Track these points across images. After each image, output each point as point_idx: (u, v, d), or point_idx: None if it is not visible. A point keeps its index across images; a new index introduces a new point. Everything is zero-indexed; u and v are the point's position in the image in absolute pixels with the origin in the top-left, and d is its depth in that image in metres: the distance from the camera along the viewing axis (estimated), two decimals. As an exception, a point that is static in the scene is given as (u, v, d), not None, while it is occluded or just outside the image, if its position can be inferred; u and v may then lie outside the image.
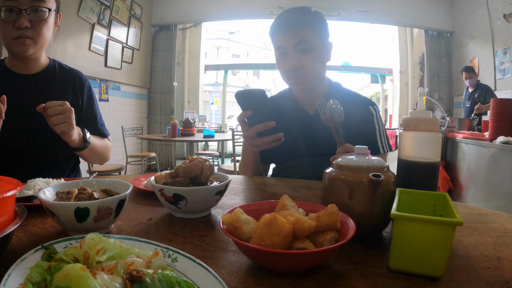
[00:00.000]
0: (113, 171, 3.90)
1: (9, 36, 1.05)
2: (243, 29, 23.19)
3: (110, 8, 4.83)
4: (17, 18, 1.02)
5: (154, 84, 6.36)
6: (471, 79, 4.55)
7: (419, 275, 0.46)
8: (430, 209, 0.55)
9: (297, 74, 1.18)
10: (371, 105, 1.28)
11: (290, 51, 1.16)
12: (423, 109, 0.65)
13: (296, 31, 1.15)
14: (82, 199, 0.59)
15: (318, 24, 1.19)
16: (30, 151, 1.14)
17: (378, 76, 8.42)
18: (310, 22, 1.17)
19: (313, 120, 1.24)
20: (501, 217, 0.72)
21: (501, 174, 2.86)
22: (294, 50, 1.15)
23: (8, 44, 1.07)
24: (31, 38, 1.06)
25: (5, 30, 1.04)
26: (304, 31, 1.15)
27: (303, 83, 1.20)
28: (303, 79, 1.19)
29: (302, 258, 0.44)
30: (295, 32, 1.15)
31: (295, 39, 1.14)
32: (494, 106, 3.07)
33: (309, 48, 1.15)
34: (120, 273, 0.34)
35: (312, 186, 0.99)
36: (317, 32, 1.17)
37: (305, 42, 1.15)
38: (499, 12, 4.72)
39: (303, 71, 1.17)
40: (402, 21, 6.02)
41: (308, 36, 1.15)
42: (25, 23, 1.02)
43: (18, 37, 1.04)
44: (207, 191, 0.67)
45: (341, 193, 0.58)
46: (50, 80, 1.19)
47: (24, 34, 1.04)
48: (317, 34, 1.17)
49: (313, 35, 1.16)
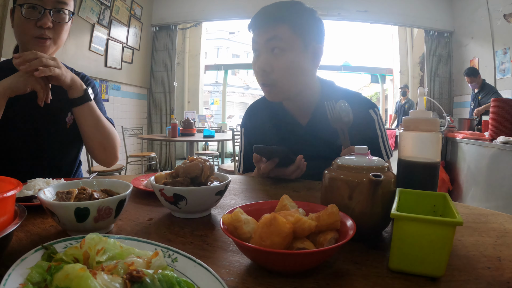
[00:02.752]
0: (113, 171, 3.90)
1: (29, 34, 1.00)
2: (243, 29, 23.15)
3: (110, 8, 4.83)
4: (40, 16, 0.99)
5: (154, 84, 6.36)
6: (473, 83, 4.55)
7: (419, 275, 0.46)
8: (430, 209, 0.55)
9: (266, 80, 1.01)
10: (371, 108, 1.13)
11: (262, 48, 1.00)
12: (423, 109, 0.65)
13: (272, 26, 0.98)
14: (82, 199, 0.59)
15: (303, 22, 1.00)
16: (35, 152, 1.12)
17: (378, 76, 8.43)
18: (292, 18, 0.98)
19: (306, 132, 1.11)
20: (501, 217, 0.72)
21: (501, 174, 2.86)
22: (265, 47, 0.99)
23: (26, 42, 1.03)
24: (51, 39, 1.03)
25: (25, 27, 1.00)
26: (281, 28, 0.97)
27: (273, 92, 1.03)
28: (272, 88, 1.02)
29: (302, 258, 0.44)
30: (269, 28, 0.98)
31: (267, 34, 0.98)
32: (494, 106, 3.07)
33: (284, 48, 0.98)
34: (120, 273, 0.34)
35: (312, 186, 0.99)
36: (298, 31, 0.99)
37: (280, 40, 0.97)
38: (499, 12, 4.73)
39: (272, 77, 1.00)
40: (402, 21, 6.02)
41: (285, 33, 0.97)
42: (48, 23, 0.99)
43: (39, 37, 1.01)
44: (207, 191, 0.67)
45: (341, 193, 0.58)
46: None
47: (45, 34, 1.01)
48: (298, 33, 0.99)
49: (292, 34, 0.98)
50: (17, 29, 1.04)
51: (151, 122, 6.44)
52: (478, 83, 4.53)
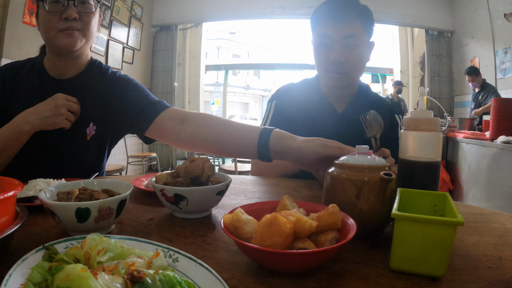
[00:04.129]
0: (114, 172, 3.90)
1: (55, 28, 0.96)
2: (244, 29, 23.21)
3: (110, 9, 4.83)
4: (64, 9, 0.95)
5: (154, 84, 6.36)
6: (473, 82, 4.54)
7: (420, 275, 0.46)
8: (431, 209, 0.55)
9: (339, 69, 1.10)
10: (397, 114, 1.24)
11: (336, 43, 1.08)
12: (424, 109, 0.65)
13: (349, 22, 1.06)
14: (83, 199, 0.59)
15: (368, 20, 1.11)
16: (53, 163, 1.05)
17: (378, 76, 8.42)
18: (363, 16, 1.08)
19: (341, 120, 1.18)
20: (502, 217, 0.72)
21: (502, 174, 2.86)
22: (341, 43, 1.07)
23: (52, 37, 0.97)
24: (80, 30, 0.99)
25: (50, 22, 0.96)
26: (356, 25, 1.07)
27: (342, 79, 1.13)
28: (343, 76, 1.12)
29: (303, 258, 0.44)
30: (347, 23, 1.06)
31: (345, 31, 1.06)
32: (495, 106, 3.07)
33: (357, 44, 1.08)
34: (121, 274, 0.34)
35: (313, 186, 0.99)
36: (367, 28, 1.10)
37: (355, 37, 1.07)
38: (499, 12, 4.72)
39: (346, 67, 1.09)
40: (403, 20, 6.02)
41: (359, 30, 1.07)
42: (73, 14, 0.95)
43: (66, 29, 0.96)
44: (208, 191, 0.67)
45: (347, 192, 0.58)
46: (82, 87, 1.07)
47: (72, 26, 0.96)
48: (366, 30, 1.10)
49: (363, 31, 1.08)
50: (42, 26, 0.99)
51: (152, 122, 6.43)
52: (479, 83, 4.52)
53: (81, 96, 1.04)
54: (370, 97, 1.24)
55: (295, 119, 1.21)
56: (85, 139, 1.07)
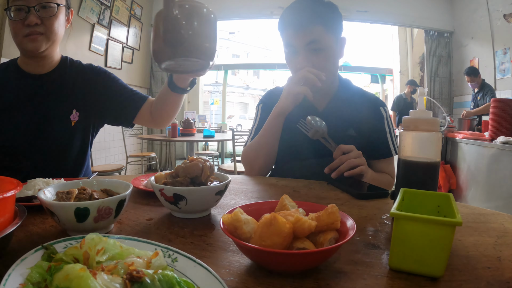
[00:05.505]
0: (113, 171, 3.90)
1: (20, 34, 1.03)
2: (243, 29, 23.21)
3: (110, 8, 4.83)
4: (26, 16, 1.01)
5: (154, 84, 6.36)
6: (472, 83, 4.54)
7: (419, 274, 0.46)
8: (435, 209, 0.55)
9: None
10: (382, 106, 1.23)
11: (301, 50, 1.09)
12: (423, 109, 0.65)
13: (308, 28, 1.06)
14: (82, 199, 0.59)
15: (332, 19, 1.09)
16: (38, 152, 1.12)
17: (378, 76, 8.43)
18: (324, 17, 1.07)
19: (322, 117, 1.16)
20: (501, 217, 0.72)
21: (501, 174, 2.86)
22: (305, 50, 1.08)
23: (20, 42, 1.06)
24: (43, 34, 1.05)
25: (15, 29, 1.04)
26: (317, 29, 1.06)
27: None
28: None
29: (302, 258, 0.44)
30: (307, 30, 1.06)
31: (306, 38, 1.06)
32: (494, 106, 3.07)
33: (321, 48, 1.08)
34: (120, 273, 0.34)
35: (312, 186, 0.99)
36: (330, 28, 1.08)
37: (317, 42, 1.06)
38: (499, 12, 4.73)
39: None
40: (402, 21, 6.02)
41: (321, 34, 1.06)
42: (34, 20, 1.01)
43: (29, 34, 1.03)
44: (207, 191, 0.67)
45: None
46: (60, 79, 1.16)
47: (35, 30, 1.03)
48: (330, 31, 1.08)
49: (326, 33, 1.07)
50: (11, 32, 1.06)
51: (151, 122, 6.43)
52: (478, 83, 4.52)
53: (60, 86, 1.14)
54: (351, 91, 1.24)
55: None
56: (70, 125, 1.15)
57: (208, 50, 0.69)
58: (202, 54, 0.68)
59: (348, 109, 1.18)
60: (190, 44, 0.66)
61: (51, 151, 1.13)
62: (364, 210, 0.76)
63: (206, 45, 0.68)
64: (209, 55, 0.70)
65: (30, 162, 1.11)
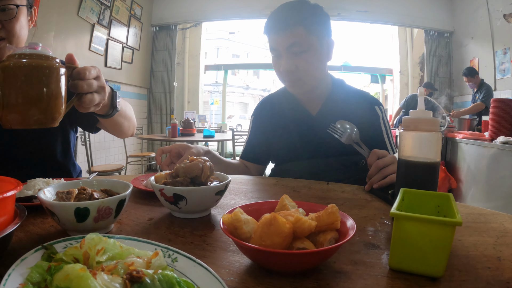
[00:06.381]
0: (113, 171, 3.90)
1: None
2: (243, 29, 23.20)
3: (110, 8, 4.83)
4: None
5: (154, 84, 6.36)
6: (470, 83, 4.55)
7: (419, 274, 0.46)
8: (435, 209, 0.55)
9: (292, 77, 1.10)
10: (377, 105, 1.21)
11: (283, 53, 1.08)
12: (423, 109, 0.65)
13: (289, 31, 1.05)
14: (82, 199, 0.59)
15: (316, 21, 1.08)
16: (27, 153, 1.09)
17: (378, 76, 8.43)
18: (306, 19, 1.05)
19: (317, 121, 1.17)
20: (501, 217, 0.72)
21: (501, 174, 2.86)
22: (288, 52, 1.07)
23: None
24: (4, 39, 0.98)
25: None
26: (298, 31, 1.04)
27: (299, 86, 1.13)
28: (298, 82, 1.12)
29: (302, 258, 0.44)
30: (288, 32, 1.05)
31: (288, 40, 1.05)
32: (494, 106, 3.07)
33: (304, 49, 1.06)
34: (120, 273, 0.34)
35: (312, 186, 0.99)
36: (313, 30, 1.06)
37: (299, 44, 1.05)
38: (499, 12, 4.72)
39: (298, 74, 1.09)
40: (402, 21, 6.02)
41: (302, 36, 1.05)
42: None
43: None
44: (207, 191, 0.67)
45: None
46: None
47: None
48: (313, 32, 1.06)
49: (308, 35, 1.05)
50: None
51: (151, 122, 6.43)
52: (476, 83, 4.53)
53: None
54: (345, 91, 1.22)
55: (271, 131, 1.25)
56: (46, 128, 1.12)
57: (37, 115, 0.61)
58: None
59: (343, 110, 1.16)
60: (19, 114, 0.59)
61: (34, 151, 1.09)
62: (364, 210, 0.76)
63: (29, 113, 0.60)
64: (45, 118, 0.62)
65: (16, 163, 1.08)
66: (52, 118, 0.63)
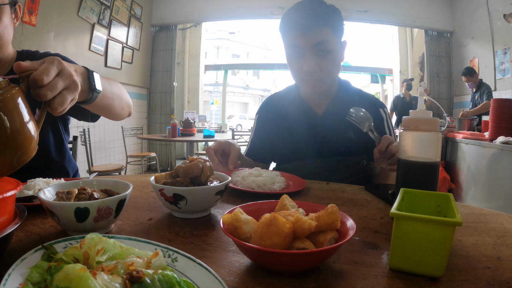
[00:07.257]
0: (113, 171, 3.89)
1: None
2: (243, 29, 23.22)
3: (110, 8, 4.83)
4: None
5: (154, 84, 6.36)
6: (469, 83, 4.55)
7: (419, 274, 0.46)
8: (434, 209, 0.55)
9: (314, 78, 1.09)
10: (381, 108, 1.22)
11: (307, 52, 1.06)
12: (423, 109, 0.65)
13: (317, 29, 1.03)
14: (82, 199, 0.59)
15: (338, 22, 1.08)
16: None
17: (378, 76, 8.43)
18: (330, 20, 1.05)
19: (322, 121, 1.17)
20: (501, 217, 0.72)
21: (501, 174, 2.86)
22: (312, 51, 1.05)
23: None
24: None
25: None
26: (325, 31, 1.04)
27: (319, 86, 1.12)
28: (319, 83, 1.11)
29: (302, 258, 0.44)
30: (316, 31, 1.03)
31: (315, 39, 1.04)
32: (494, 106, 3.07)
33: (329, 49, 1.06)
34: (120, 273, 0.34)
35: (312, 186, 0.99)
36: (336, 31, 1.07)
37: (325, 43, 1.04)
38: (499, 12, 4.72)
39: (320, 75, 1.08)
40: (402, 21, 6.02)
41: (329, 36, 1.05)
42: None
43: None
44: (207, 191, 0.67)
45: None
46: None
47: None
48: (336, 34, 1.07)
49: (333, 36, 1.06)
50: None
51: (151, 122, 6.44)
52: (475, 83, 4.53)
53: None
54: (351, 92, 1.23)
55: (276, 130, 1.25)
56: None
57: None
58: None
59: (347, 111, 1.17)
60: None
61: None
62: (364, 210, 0.76)
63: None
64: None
65: None
66: (31, 149, 0.52)
